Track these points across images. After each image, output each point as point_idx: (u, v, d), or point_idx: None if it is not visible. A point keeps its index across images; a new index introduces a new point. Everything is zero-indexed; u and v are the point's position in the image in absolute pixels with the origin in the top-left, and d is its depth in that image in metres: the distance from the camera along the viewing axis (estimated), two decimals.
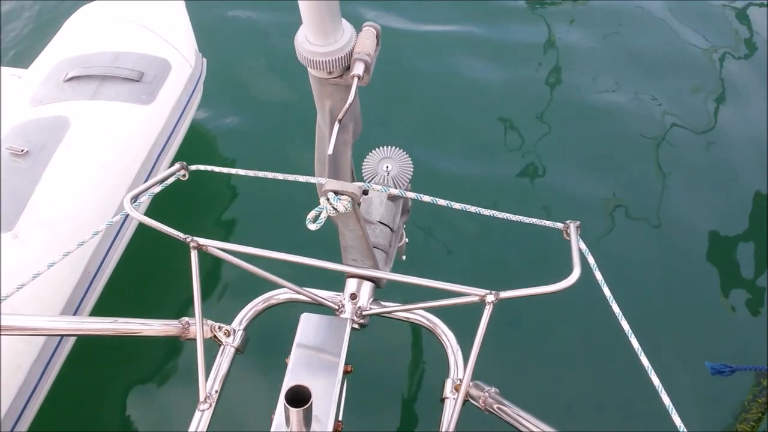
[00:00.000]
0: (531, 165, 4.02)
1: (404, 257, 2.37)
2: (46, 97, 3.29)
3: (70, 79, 3.33)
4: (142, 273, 3.47)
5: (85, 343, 2.98)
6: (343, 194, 1.38)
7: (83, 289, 2.88)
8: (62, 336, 2.76)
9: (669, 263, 3.56)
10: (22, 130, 3.11)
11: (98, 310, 3.01)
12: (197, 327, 1.54)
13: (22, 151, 2.99)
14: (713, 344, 3.24)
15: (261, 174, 1.59)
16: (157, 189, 1.66)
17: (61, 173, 2.97)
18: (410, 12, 5.01)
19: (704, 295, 3.44)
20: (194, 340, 1.55)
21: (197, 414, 1.50)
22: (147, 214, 1.60)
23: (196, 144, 3.98)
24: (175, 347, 3.19)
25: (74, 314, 2.83)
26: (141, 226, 3.11)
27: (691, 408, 2.90)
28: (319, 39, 1.24)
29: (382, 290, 1.85)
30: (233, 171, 1.66)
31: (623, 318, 1.45)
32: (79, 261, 2.87)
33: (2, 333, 1.46)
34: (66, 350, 2.86)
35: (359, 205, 1.49)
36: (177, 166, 1.70)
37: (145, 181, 3.16)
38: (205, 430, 1.49)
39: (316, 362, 1.56)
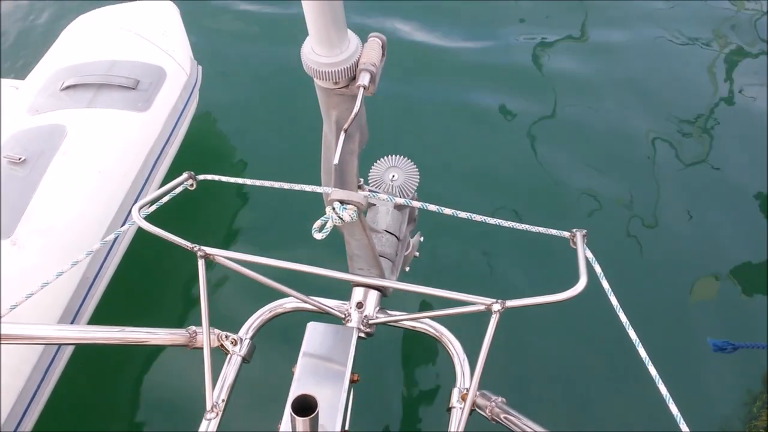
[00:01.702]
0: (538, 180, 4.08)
1: (408, 268, 2.39)
2: (43, 106, 3.35)
3: (67, 87, 3.40)
4: (140, 278, 3.51)
5: (87, 348, 3.03)
6: (348, 203, 1.41)
7: (82, 295, 2.92)
8: (69, 345, 2.80)
9: (672, 271, 3.60)
10: (20, 139, 3.17)
11: (97, 316, 3.05)
12: (204, 336, 1.57)
13: (20, 159, 3.04)
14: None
15: (267, 183, 1.62)
16: (166, 199, 1.69)
17: (58, 181, 3.02)
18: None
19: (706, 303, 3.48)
20: (201, 349, 1.57)
21: (204, 423, 1.52)
22: (150, 220, 1.63)
23: (194, 150, 4.03)
24: (180, 355, 3.19)
25: (73, 320, 2.87)
26: (139, 232, 3.17)
27: (697, 415, 2.92)
28: (325, 50, 1.28)
29: (388, 299, 1.87)
30: (240, 181, 1.69)
31: (630, 327, 1.47)
32: (77, 267, 2.90)
33: (9, 342, 1.48)
34: (66, 355, 2.90)
35: (365, 214, 1.51)
36: (185, 175, 1.73)
37: (142, 187, 3.23)
38: None
39: (322, 371, 1.59)
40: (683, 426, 1.35)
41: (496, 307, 1.47)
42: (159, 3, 4.05)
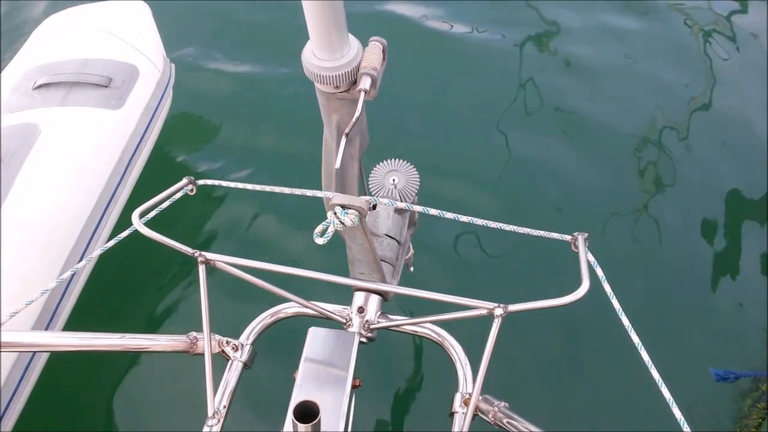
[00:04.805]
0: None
1: (412, 268, 2.43)
2: (16, 105, 3.41)
3: (39, 86, 3.46)
4: (117, 277, 3.55)
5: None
6: (350, 208, 1.44)
7: (57, 297, 2.97)
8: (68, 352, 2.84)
9: (672, 275, 3.70)
10: None
11: (74, 317, 3.11)
12: (205, 342, 1.62)
13: None
14: (712, 352, 3.35)
15: (268, 188, 1.65)
16: (166, 204, 1.72)
17: (33, 178, 3.08)
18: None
19: (705, 303, 3.58)
20: (202, 355, 1.62)
21: (206, 429, 1.56)
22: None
23: (169, 148, 4.07)
24: (179, 361, 3.23)
25: (49, 322, 2.91)
26: (116, 227, 3.23)
27: (690, 415, 3.00)
28: (325, 54, 1.32)
29: (389, 303, 1.91)
30: (240, 185, 1.72)
31: (633, 330, 1.52)
32: (51, 268, 2.95)
33: (10, 350, 1.52)
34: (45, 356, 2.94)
35: (366, 218, 1.55)
36: (185, 180, 1.76)
37: (118, 184, 3.29)
38: None
39: (324, 377, 1.62)
40: (686, 428, 1.40)
41: (499, 311, 1.52)
42: (130, 2, 4.11)
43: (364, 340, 1.80)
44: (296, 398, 1.53)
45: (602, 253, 1.65)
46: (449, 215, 1.59)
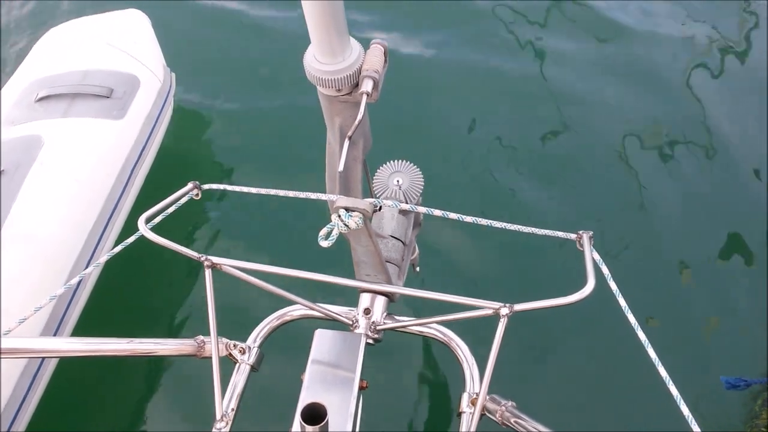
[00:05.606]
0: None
1: (418, 269, 2.45)
2: (19, 118, 3.47)
3: (41, 98, 3.52)
4: (123, 283, 3.59)
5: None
6: (354, 211, 1.46)
7: (65, 304, 3.01)
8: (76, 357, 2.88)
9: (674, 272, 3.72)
10: None
11: (81, 324, 3.15)
12: (212, 345, 1.63)
13: None
14: (719, 351, 3.37)
15: (273, 192, 1.68)
16: (171, 209, 1.75)
17: (37, 190, 3.12)
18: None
19: (711, 302, 3.59)
20: (209, 358, 1.63)
21: None
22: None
23: (172, 156, 4.10)
24: (187, 364, 3.28)
25: (57, 329, 2.94)
26: (120, 236, 3.24)
27: (699, 415, 3.01)
28: (327, 57, 1.33)
29: (395, 304, 1.93)
30: (245, 189, 1.74)
31: (639, 328, 1.53)
32: (59, 275, 3.00)
33: (18, 356, 1.54)
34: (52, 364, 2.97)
35: (371, 220, 1.57)
36: (190, 185, 1.78)
37: (121, 194, 3.34)
38: None
39: (331, 378, 1.64)
40: (695, 426, 1.41)
41: (504, 311, 1.52)
42: (129, 13, 4.18)
43: (370, 341, 1.81)
44: (304, 400, 1.54)
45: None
46: (453, 216, 1.61)
